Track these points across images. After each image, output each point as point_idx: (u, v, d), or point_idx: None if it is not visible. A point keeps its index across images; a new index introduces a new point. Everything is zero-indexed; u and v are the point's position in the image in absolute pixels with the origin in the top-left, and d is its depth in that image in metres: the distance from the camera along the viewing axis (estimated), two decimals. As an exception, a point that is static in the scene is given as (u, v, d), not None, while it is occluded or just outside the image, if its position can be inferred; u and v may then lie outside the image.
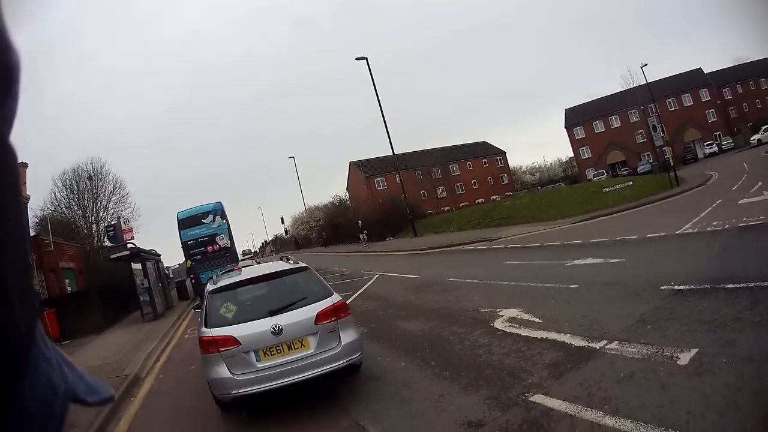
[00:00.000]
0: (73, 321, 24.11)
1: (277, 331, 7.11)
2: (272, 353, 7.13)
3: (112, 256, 28.08)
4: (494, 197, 77.02)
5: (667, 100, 74.93)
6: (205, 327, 7.48)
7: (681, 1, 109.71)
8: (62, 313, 23.93)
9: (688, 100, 77.22)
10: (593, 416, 4.99)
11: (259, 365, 7.07)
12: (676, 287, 8.71)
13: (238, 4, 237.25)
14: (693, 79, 77.42)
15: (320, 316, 7.36)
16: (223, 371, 7.07)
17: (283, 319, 7.25)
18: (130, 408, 9.72)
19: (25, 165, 28.22)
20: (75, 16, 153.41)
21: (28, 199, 28.75)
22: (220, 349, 7.11)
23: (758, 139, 60.24)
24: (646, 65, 60.44)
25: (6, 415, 0.61)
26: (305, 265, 8.57)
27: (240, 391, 6.99)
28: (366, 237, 52.79)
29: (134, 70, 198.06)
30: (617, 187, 31.52)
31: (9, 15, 0.56)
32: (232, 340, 7.11)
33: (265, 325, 7.20)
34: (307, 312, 7.41)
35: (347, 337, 7.49)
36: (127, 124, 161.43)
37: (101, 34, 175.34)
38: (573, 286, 10.92)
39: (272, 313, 7.36)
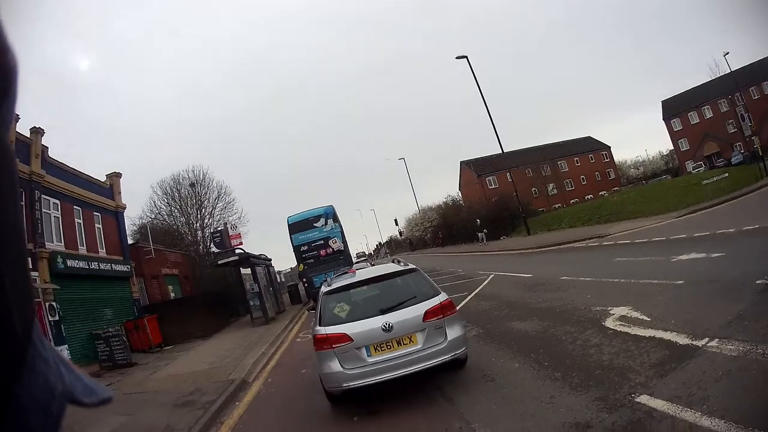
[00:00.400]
0: (177, 326, 24.18)
1: (388, 328, 7.39)
2: (382, 349, 7.41)
3: (219, 262, 27.76)
4: (602, 192, 74.36)
5: (750, 89, 67.95)
6: (320, 326, 7.79)
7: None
8: (165, 319, 24.15)
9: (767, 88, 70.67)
10: (691, 417, 4.96)
11: (370, 360, 7.36)
12: (770, 281, 8.46)
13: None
14: (769, 66, 70.76)
15: (428, 314, 7.57)
16: (335, 366, 7.40)
17: (394, 317, 7.51)
18: (234, 413, 9.75)
19: (119, 175, 28.76)
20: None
21: (125, 207, 28.84)
22: (333, 346, 7.43)
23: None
24: (727, 53, 55.99)
25: (2, 416, 0.61)
26: (415, 266, 8.78)
27: (351, 384, 7.32)
28: (485, 236, 51.76)
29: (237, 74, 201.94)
30: (714, 179, 30.22)
31: (7, 17, 0.60)
32: (345, 337, 7.43)
33: (376, 322, 7.49)
34: (416, 310, 7.64)
35: (453, 333, 7.66)
36: (231, 133, 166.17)
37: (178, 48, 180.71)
38: (678, 282, 10.66)
39: (383, 312, 7.65)
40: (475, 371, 8.37)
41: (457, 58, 43.52)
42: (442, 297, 7.92)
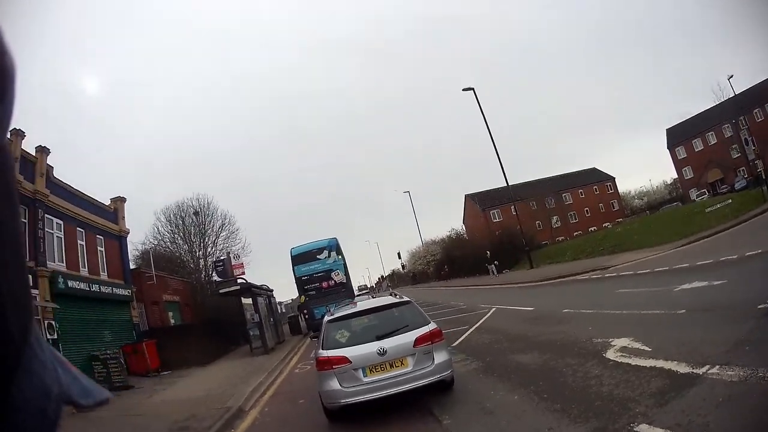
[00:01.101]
0: (176, 352, 24.63)
1: (382, 353, 8.46)
2: (377, 370, 8.46)
3: (221, 291, 28.56)
4: (606, 224, 74.61)
5: (754, 111, 68.05)
6: (322, 349, 8.92)
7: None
8: (164, 344, 24.51)
9: (772, 109, 70.60)
10: (690, 442, 4.97)
11: (365, 380, 8.42)
12: (772, 305, 8.62)
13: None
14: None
15: (418, 341, 8.64)
16: (334, 384, 8.46)
17: (388, 343, 8.59)
18: (230, 441, 10.06)
19: (123, 199, 29.64)
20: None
21: (128, 232, 29.69)
22: (333, 367, 8.51)
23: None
24: (732, 77, 56.58)
25: None
26: (408, 299, 9.98)
27: (348, 400, 8.37)
28: (495, 267, 51.78)
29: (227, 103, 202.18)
30: (718, 206, 30.66)
31: (3, 19, 0.63)
32: (344, 359, 8.51)
33: (372, 347, 8.58)
34: (408, 337, 8.72)
35: (440, 357, 8.73)
36: (229, 162, 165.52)
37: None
38: (680, 311, 10.84)
39: (379, 338, 8.73)
40: (474, 404, 8.59)
41: (463, 90, 43.53)
42: (431, 326, 9.02)
